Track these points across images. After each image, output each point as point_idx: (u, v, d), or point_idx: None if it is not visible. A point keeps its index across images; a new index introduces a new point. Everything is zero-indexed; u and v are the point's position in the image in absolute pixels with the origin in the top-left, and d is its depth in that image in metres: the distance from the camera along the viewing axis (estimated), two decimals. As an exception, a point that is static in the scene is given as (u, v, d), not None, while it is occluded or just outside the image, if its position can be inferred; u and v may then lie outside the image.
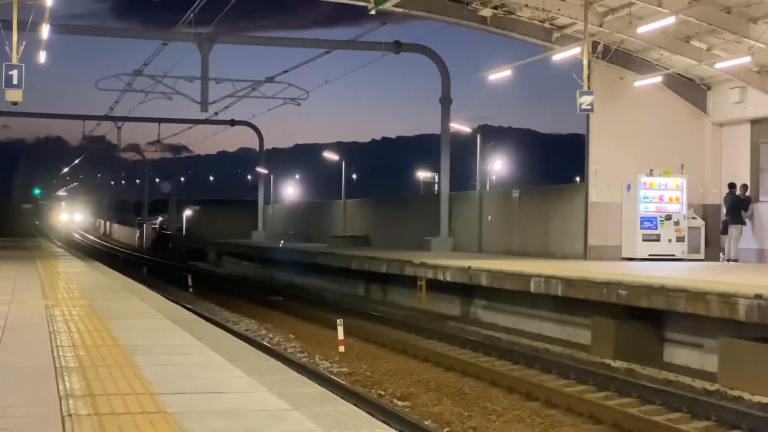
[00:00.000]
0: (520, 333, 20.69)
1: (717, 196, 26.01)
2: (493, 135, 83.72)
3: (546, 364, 15.90)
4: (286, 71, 34.85)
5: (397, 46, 33.55)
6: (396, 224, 39.02)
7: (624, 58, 25.72)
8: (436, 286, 24.40)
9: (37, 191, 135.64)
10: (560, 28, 25.49)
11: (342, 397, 7.48)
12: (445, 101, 34.48)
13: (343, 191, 47.20)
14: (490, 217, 31.39)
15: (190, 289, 33.31)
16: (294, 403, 6.51)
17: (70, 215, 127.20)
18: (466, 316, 24.18)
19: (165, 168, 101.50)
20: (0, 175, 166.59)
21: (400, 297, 27.83)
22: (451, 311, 24.76)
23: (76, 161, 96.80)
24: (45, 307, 13.11)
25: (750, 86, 24.64)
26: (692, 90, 26.50)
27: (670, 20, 20.86)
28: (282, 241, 44.50)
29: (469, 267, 21.83)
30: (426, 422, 11.86)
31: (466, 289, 23.66)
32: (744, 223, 24.49)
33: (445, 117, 34.35)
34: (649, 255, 25.10)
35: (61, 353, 8.70)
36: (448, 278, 22.93)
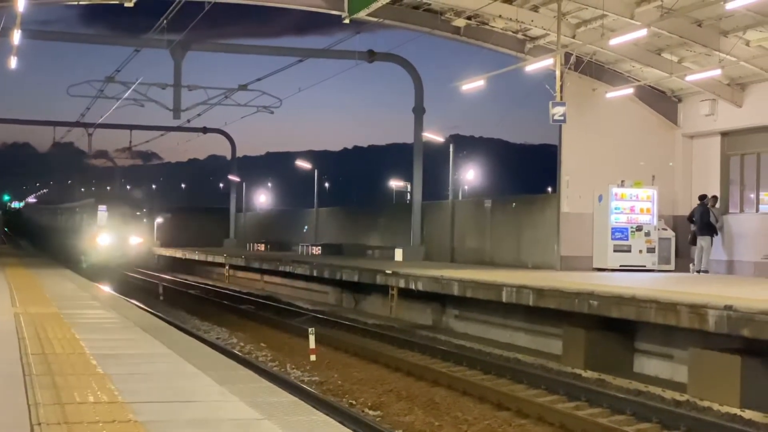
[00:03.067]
0: (491, 342, 20.72)
1: (686, 206, 26.17)
2: (464, 144, 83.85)
3: (517, 374, 15.93)
4: (259, 79, 34.83)
5: (371, 55, 33.55)
6: (368, 233, 39.00)
7: (596, 70, 25.88)
8: (407, 295, 24.38)
9: (6, 197, 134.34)
10: (533, 39, 25.62)
11: (313, 407, 7.44)
12: (418, 111, 34.49)
13: (315, 199, 47.14)
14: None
15: (161, 298, 33.15)
16: (265, 412, 6.49)
17: (122, 237, 48.33)
18: (437, 325, 24.18)
19: (136, 175, 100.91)
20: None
21: (372, 306, 27.81)
22: (423, 320, 24.76)
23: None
24: (14, 314, 12.99)
25: (720, 99, 24.85)
26: (663, 102, 26.70)
27: (642, 32, 21.01)
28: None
29: (441, 276, 21.84)
30: (397, 432, 11.85)
31: (438, 299, 23.67)
32: (712, 235, 24.62)
33: (418, 126, 34.35)
34: (620, 266, 25.22)
35: (30, 361, 8.62)
36: (420, 287, 22.93)
